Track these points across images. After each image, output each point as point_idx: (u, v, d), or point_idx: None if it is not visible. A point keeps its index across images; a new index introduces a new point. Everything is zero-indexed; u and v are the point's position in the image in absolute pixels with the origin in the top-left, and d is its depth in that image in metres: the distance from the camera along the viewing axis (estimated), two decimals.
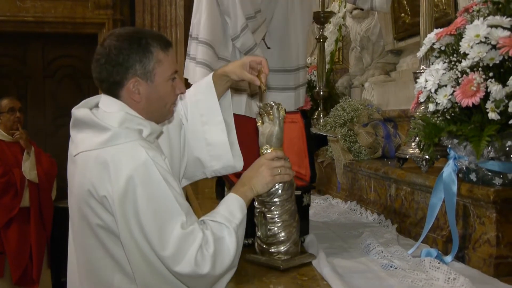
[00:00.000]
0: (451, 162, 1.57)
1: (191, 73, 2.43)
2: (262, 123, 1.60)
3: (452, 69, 1.48)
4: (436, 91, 1.50)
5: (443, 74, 1.49)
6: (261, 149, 1.58)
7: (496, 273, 1.43)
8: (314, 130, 2.39)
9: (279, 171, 1.52)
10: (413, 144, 2.02)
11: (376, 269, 1.52)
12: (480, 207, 1.52)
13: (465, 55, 1.43)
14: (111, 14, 5.89)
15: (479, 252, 1.51)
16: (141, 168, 1.31)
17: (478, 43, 1.40)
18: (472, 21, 1.47)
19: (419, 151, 1.88)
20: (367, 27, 3.49)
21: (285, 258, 1.54)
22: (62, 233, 1.51)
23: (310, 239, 1.77)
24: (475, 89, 1.38)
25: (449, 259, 1.55)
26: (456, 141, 1.51)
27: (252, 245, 1.66)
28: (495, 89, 1.35)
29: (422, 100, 1.57)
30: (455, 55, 1.49)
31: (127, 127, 1.38)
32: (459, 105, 1.43)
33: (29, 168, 4.15)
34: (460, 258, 1.56)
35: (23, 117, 4.43)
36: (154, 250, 1.30)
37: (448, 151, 1.60)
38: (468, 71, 1.42)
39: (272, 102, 1.58)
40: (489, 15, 1.46)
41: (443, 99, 1.46)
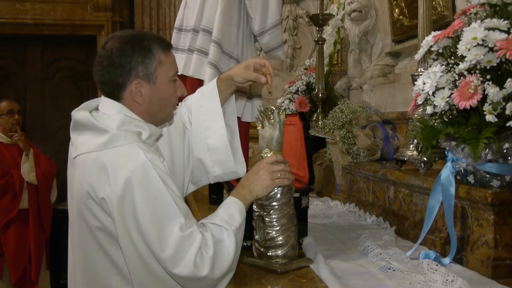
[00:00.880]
0: (449, 164, 1.57)
1: (202, 71, 2.33)
2: (262, 127, 1.61)
3: (449, 71, 1.49)
4: (434, 93, 1.50)
5: (441, 76, 1.49)
6: (261, 153, 1.59)
7: (494, 275, 1.43)
8: (312, 132, 2.40)
9: (279, 175, 1.52)
10: (412, 146, 2.03)
11: (374, 271, 1.52)
12: (478, 209, 1.52)
13: (463, 58, 1.44)
14: (110, 16, 5.89)
15: (477, 254, 1.51)
16: (139, 170, 1.32)
17: (475, 46, 1.41)
18: (469, 24, 1.48)
19: (417, 153, 1.88)
20: (365, 29, 3.50)
21: (283, 261, 1.54)
22: (61, 235, 1.52)
23: (308, 241, 1.77)
24: (472, 91, 1.38)
25: (447, 261, 1.55)
26: (454, 143, 1.51)
27: (250, 248, 1.67)
28: (493, 91, 1.35)
29: (420, 102, 1.57)
30: (453, 58, 1.49)
31: (126, 129, 1.39)
32: (456, 107, 1.43)
33: (27, 170, 4.16)
34: (458, 260, 1.57)
35: (22, 119, 4.43)
36: (152, 252, 1.30)
37: (446, 153, 1.61)
38: (465, 73, 1.43)
39: (272, 106, 1.59)
40: (486, 17, 1.47)
41: (441, 102, 1.47)
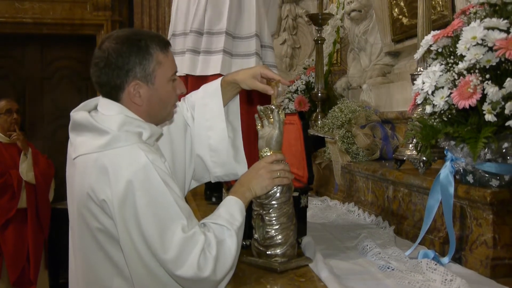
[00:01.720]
0: (448, 163, 1.57)
1: (226, 67, 2.39)
2: (261, 126, 1.61)
3: (449, 71, 1.48)
4: (433, 93, 1.50)
5: (440, 76, 1.49)
6: (261, 152, 1.58)
7: (493, 274, 1.43)
8: (312, 131, 2.40)
9: (279, 174, 1.52)
10: (411, 145, 2.03)
11: (373, 270, 1.52)
12: (477, 209, 1.52)
13: (462, 57, 1.44)
14: (110, 15, 5.88)
15: (476, 253, 1.51)
16: (140, 172, 1.31)
17: (475, 45, 1.40)
18: (469, 23, 1.48)
19: (417, 153, 1.88)
20: (365, 29, 3.49)
21: (282, 260, 1.54)
22: (59, 234, 1.52)
23: (307, 241, 1.77)
24: (472, 91, 1.38)
25: (446, 260, 1.55)
26: (453, 142, 1.51)
27: (249, 247, 1.66)
28: (492, 91, 1.35)
29: (419, 102, 1.57)
30: (452, 57, 1.49)
31: (126, 130, 1.37)
32: (456, 107, 1.43)
33: (26, 169, 4.16)
34: (457, 259, 1.57)
35: (21, 118, 4.43)
36: (155, 254, 1.29)
37: (445, 152, 1.61)
38: (465, 73, 1.43)
39: (272, 105, 1.58)
40: (486, 17, 1.47)
41: (440, 101, 1.47)
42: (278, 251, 1.54)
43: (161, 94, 1.47)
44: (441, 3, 2.57)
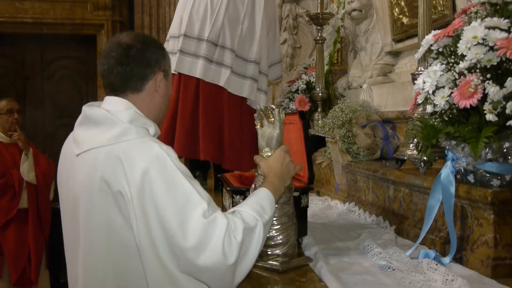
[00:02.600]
0: (449, 163, 1.57)
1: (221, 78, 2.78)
2: (261, 126, 1.61)
3: (449, 70, 1.48)
4: (434, 92, 1.50)
5: (441, 75, 1.49)
6: (261, 152, 1.58)
7: (493, 274, 1.43)
8: (312, 131, 2.39)
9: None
10: (411, 145, 2.02)
11: (374, 270, 1.52)
12: (478, 209, 1.52)
13: (463, 57, 1.43)
14: (110, 15, 5.88)
15: (477, 253, 1.51)
16: (155, 160, 1.28)
17: (475, 45, 1.40)
18: (469, 23, 1.47)
19: (417, 153, 1.88)
20: (365, 28, 3.49)
21: (283, 260, 1.54)
22: (60, 234, 1.50)
23: (308, 241, 1.77)
24: (472, 90, 1.38)
25: (447, 260, 1.55)
26: (454, 142, 1.51)
27: None
28: (493, 90, 1.35)
29: (420, 101, 1.57)
30: (453, 57, 1.49)
31: (136, 125, 1.37)
32: (456, 106, 1.43)
33: (27, 169, 4.15)
34: (458, 259, 1.57)
35: (22, 118, 4.43)
36: (175, 244, 1.24)
37: (446, 152, 1.61)
38: (465, 72, 1.43)
39: (272, 105, 1.60)
40: (486, 16, 1.47)
41: (441, 101, 1.47)
42: (279, 251, 1.55)
43: (170, 91, 1.54)
44: (441, 2, 2.57)
